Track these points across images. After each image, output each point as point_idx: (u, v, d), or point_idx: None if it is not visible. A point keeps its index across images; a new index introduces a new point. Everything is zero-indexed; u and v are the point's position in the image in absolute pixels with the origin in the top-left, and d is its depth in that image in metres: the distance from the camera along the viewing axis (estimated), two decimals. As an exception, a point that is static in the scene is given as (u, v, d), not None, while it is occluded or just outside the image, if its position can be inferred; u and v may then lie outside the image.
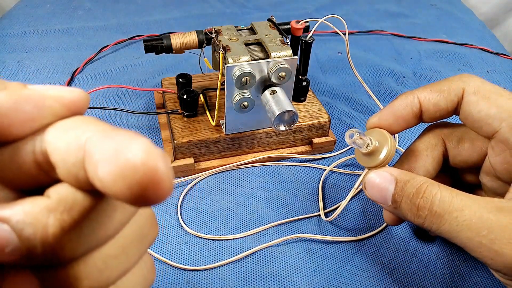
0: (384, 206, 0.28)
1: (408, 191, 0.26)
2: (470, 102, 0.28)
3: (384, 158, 0.29)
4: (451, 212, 0.24)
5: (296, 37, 0.40)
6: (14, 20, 0.65)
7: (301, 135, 0.43)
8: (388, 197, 0.27)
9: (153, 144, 0.13)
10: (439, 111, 0.30)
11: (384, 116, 0.31)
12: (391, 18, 0.72)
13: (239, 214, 0.37)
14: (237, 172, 0.41)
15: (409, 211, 0.26)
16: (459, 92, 0.29)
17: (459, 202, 0.24)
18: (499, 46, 0.66)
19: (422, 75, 0.57)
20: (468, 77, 0.29)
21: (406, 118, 0.30)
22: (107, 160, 0.13)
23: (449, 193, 0.25)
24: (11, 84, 0.17)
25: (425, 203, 0.25)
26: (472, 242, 0.24)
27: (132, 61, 0.57)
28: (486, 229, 0.23)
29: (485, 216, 0.24)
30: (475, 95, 0.28)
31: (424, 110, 0.30)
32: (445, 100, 0.29)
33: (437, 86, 0.30)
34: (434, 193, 0.25)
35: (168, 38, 0.38)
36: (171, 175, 0.13)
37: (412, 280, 0.33)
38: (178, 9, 0.71)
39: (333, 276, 0.33)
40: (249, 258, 0.34)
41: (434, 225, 0.25)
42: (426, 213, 0.25)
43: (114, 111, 0.47)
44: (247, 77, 0.35)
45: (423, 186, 0.26)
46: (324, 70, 0.58)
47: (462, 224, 0.24)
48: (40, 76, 0.53)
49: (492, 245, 0.23)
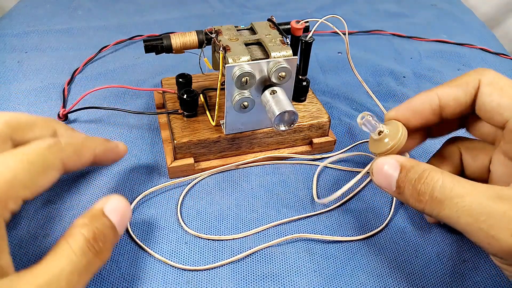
0: (389, 191, 0.29)
1: (411, 177, 0.27)
2: (484, 93, 0.29)
3: (392, 145, 0.30)
4: (452, 198, 0.25)
5: (296, 37, 0.40)
6: (14, 20, 0.65)
7: (301, 135, 0.43)
8: (393, 183, 0.28)
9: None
10: (459, 105, 0.30)
11: (402, 110, 0.32)
12: (391, 18, 0.72)
13: (239, 214, 0.37)
14: (237, 172, 0.41)
15: (411, 196, 0.27)
16: (476, 84, 0.30)
17: (460, 188, 0.25)
18: (499, 46, 0.66)
19: (422, 75, 0.57)
20: (484, 70, 0.30)
21: (423, 113, 0.31)
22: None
23: (451, 179, 0.26)
24: (99, 139, 0.35)
25: (426, 189, 0.26)
26: (471, 227, 0.25)
27: (132, 61, 0.57)
28: (485, 215, 0.24)
29: (484, 203, 0.24)
30: (489, 85, 0.29)
31: (444, 105, 0.31)
32: (464, 93, 0.30)
33: (455, 82, 0.31)
34: (436, 179, 0.26)
35: (168, 38, 0.38)
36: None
37: (412, 280, 0.33)
38: (178, 9, 0.71)
39: (333, 276, 0.33)
40: (249, 258, 0.34)
41: (434, 210, 0.26)
42: (426, 198, 0.26)
43: (114, 111, 0.47)
44: (247, 77, 0.35)
45: (426, 172, 0.27)
46: (324, 70, 0.58)
47: (462, 210, 0.25)
48: (40, 76, 0.53)
49: (490, 230, 0.24)
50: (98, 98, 0.49)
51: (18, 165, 0.26)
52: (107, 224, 0.28)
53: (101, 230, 0.27)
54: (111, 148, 0.35)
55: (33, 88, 0.51)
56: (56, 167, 0.28)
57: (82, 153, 0.32)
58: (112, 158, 0.36)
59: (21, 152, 0.27)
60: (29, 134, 0.31)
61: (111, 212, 0.29)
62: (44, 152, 0.28)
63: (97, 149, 0.33)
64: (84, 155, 0.32)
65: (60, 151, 0.29)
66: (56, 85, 0.52)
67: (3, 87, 0.51)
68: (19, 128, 0.30)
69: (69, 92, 0.51)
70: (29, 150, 0.27)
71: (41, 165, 0.27)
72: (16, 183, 0.25)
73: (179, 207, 0.37)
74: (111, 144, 0.35)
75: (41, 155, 0.27)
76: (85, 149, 0.32)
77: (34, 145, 0.28)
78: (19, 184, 0.25)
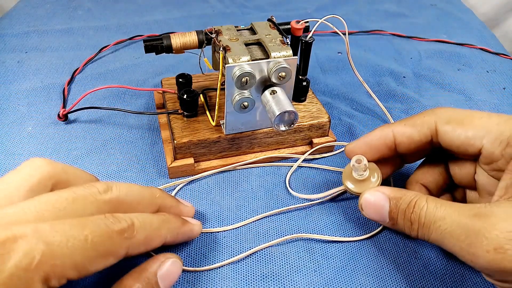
0: (383, 223, 0.31)
1: (402, 207, 0.29)
2: (447, 131, 0.31)
3: (376, 183, 0.32)
4: (435, 222, 0.27)
5: (296, 37, 0.40)
6: (14, 20, 0.65)
7: (301, 135, 0.43)
8: (385, 214, 0.30)
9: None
10: (414, 143, 0.32)
11: (359, 144, 0.34)
12: (391, 18, 0.72)
13: (239, 214, 0.37)
14: (237, 172, 0.41)
15: (405, 225, 0.29)
16: (431, 125, 0.31)
17: (442, 211, 0.27)
18: (499, 46, 0.66)
19: (422, 75, 0.57)
20: (440, 110, 0.32)
21: (379, 148, 0.33)
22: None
23: (434, 204, 0.27)
24: (177, 222, 0.31)
25: (415, 217, 0.28)
26: (455, 247, 0.26)
27: (132, 61, 0.57)
28: (464, 235, 0.25)
29: (463, 222, 0.25)
30: (449, 124, 0.30)
31: (399, 142, 0.33)
32: (418, 133, 0.32)
33: (411, 120, 0.33)
34: (421, 206, 0.28)
35: (168, 38, 0.38)
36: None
37: (412, 280, 0.33)
38: (178, 9, 0.71)
39: (333, 276, 0.33)
40: (249, 258, 0.34)
41: (425, 235, 0.28)
42: (417, 225, 0.28)
43: (114, 111, 0.47)
44: (247, 77, 0.35)
45: (413, 200, 0.28)
46: (324, 70, 0.58)
47: (444, 232, 0.26)
48: (40, 76, 0.53)
49: (470, 248, 0.25)
50: (98, 98, 0.49)
51: (80, 243, 0.22)
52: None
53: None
54: (184, 232, 0.32)
55: (33, 88, 0.51)
56: (118, 255, 0.25)
57: (152, 242, 0.28)
58: (181, 242, 0.33)
59: (90, 229, 0.23)
60: (131, 212, 0.27)
61: (165, 277, 0.27)
62: (114, 236, 0.24)
63: (169, 236, 0.29)
64: (152, 244, 0.28)
65: (131, 238, 0.25)
66: (56, 85, 0.52)
67: (3, 87, 0.51)
68: (122, 207, 0.27)
69: (69, 92, 0.51)
70: (99, 229, 0.23)
71: (104, 250, 0.23)
72: (68, 263, 0.22)
73: (179, 207, 0.37)
74: (186, 228, 0.32)
75: (109, 239, 0.24)
76: (156, 238, 0.28)
77: (107, 224, 0.24)
78: (70, 264, 0.22)
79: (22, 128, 0.45)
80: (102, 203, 0.26)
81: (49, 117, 0.47)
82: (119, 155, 0.42)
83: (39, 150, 0.42)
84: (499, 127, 0.28)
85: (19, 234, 0.21)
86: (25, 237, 0.21)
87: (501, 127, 0.28)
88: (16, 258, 0.20)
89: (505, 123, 0.29)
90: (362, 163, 0.32)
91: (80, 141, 0.44)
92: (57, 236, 0.21)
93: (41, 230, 0.21)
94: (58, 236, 0.21)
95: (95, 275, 0.31)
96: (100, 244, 0.23)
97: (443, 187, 0.35)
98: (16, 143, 0.43)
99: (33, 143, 0.43)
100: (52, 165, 0.27)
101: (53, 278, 0.21)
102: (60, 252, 0.21)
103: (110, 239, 0.24)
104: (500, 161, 0.28)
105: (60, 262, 0.21)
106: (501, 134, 0.28)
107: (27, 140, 0.44)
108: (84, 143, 0.44)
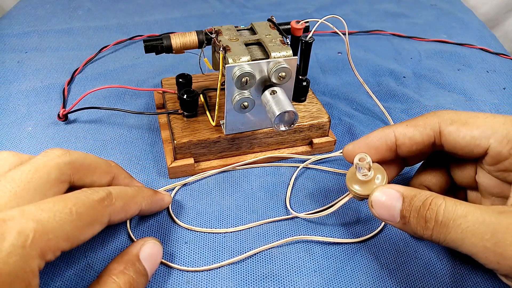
0: (392, 223, 0.29)
1: (416, 205, 0.27)
2: (451, 132, 0.30)
3: (382, 183, 0.30)
4: (455, 219, 0.25)
5: (296, 37, 0.40)
6: (14, 20, 0.65)
7: (301, 135, 0.43)
8: (396, 214, 0.28)
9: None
10: (415, 144, 0.31)
11: (359, 144, 0.33)
12: (391, 18, 0.72)
13: (239, 214, 0.37)
14: (237, 172, 0.41)
15: (417, 224, 0.27)
16: (435, 126, 0.31)
17: (462, 209, 0.25)
18: (499, 46, 0.66)
19: (422, 75, 0.57)
20: (442, 112, 0.31)
21: (379, 149, 0.32)
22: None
23: (453, 202, 0.26)
24: (148, 191, 0.34)
25: (431, 214, 0.26)
26: (477, 247, 0.24)
27: (132, 61, 0.57)
28: (489, 233, 0.23)
29: (487, 220, 0.24)
30: (453, 124, 0.30)
31: (400, 143, 0.32)
32: (421, 134, 0.31)
33: (413, 122, 0.32)
34: (439, 204, 0.26)
35: (168, 38, 0.38)
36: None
37: (412, 280, 0.33)
38: (178, 9, 0.71)
39: (333, 276, 0.33)
40: (249, 258, 0.34)
41: (441, 235, 0.26)
42: (433, 224, 0.26)
43: (114, 111, 0.47)
44: (247, 77, 0.35)
45: (429, 199, 0.27)
46: (324, 70, 0.58)
47: (466, 231, 0.24)
48: (40, 76, 0.53)
49: (497, 248, 0.23)
50: (98, 98, 0.49)
51: (66, 216, 0.24)
52: (142, 272, 0.28)
53: (135, 278, 0.27)
54: (156, 201, 0.34)
55: (33, 88, 0.51)
56: (102, 222, 0.27)
57: (130, 209, 0.30)
58: (154, 210, 0.35)
59: (72, 202, 0.25)
60: (88, 178, 0.30)
61: (147, 258, 0.29)
62: (95, 205, 0.26)
63: (144, 204, 0.32)
64: (131, 211, 0.30)
65: (110, 205, 0.27)
66: (56, 85, 0.52)
67: (3, 87, 0.51)
68: (80, 171, 0.29)
69: (69, 92, 0.51)
70: (80, 201, 0.25)
71: (89, 219, 0.25)
72: (60, 235, 0.23)
73: (179, 208, 0.37)
74: (158, 197, 0.34)
75: (91, 208, 0.26)
76: (133, 205, 0.31)
77: (86, 195, 0.26)
78: (62, 236, 0.23)
79: (22, 128, 0.45)
80: (63, 165, 0.28)
81: (49, 117, 0.47)
82: (119, 155, 0.42)
83: (39, 150, 0.42)
84: (506, 126, 0.28)
85: (7, 217, 0.22)
86: (14, 219, 0.22)
87: (508, 126, 0.28)
88: (11, 238, 0.21)
89: (511, 122, 0.28)
90: (366, 161, 0.30)
91: (80, 141, 0.44)
92: (44, 213, 0.23)
93: (27, 210, 0.23)
94: (45, 213, 0.23)
95: (83, 269, 0.31)
96: (84, 214, 0.25)
97: (446, 189, 0.35)
98: (16, 143, 0.43)
99: (33, 143, 0.43)
100: (69, 155, 0.29)
101: (48, 252, 0.23)
102: (50, 227, 0.23)
103: (92, 208, 0.26)
104: (508, 161, 0.28)
105: (52, 236, 0.23)
106: (508, 133, 0.28)
107: (27, 140, 0.44)
108: (84, 143, 0.44)
